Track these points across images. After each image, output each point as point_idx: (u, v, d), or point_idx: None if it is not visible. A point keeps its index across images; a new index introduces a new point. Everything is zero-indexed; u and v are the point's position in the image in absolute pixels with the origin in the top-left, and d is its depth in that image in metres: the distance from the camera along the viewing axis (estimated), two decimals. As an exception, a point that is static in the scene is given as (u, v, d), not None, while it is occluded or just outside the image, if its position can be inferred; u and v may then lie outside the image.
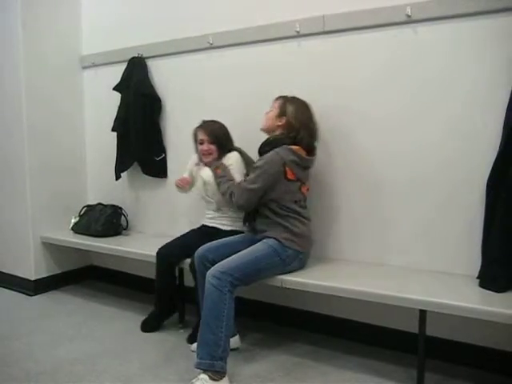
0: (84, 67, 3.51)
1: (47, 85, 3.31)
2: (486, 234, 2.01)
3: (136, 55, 3.14)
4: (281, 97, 2.34)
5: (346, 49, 2.40)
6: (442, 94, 2.17)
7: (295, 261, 2.23)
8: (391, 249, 2.36)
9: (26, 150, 3.22)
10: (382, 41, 2.30)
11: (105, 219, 3.21)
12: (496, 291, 1.92)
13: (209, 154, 2.51)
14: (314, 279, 2.16)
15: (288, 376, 2.14)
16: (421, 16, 2.17)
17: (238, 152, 2.53)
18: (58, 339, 2.55)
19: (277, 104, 2.32)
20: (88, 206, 3.41)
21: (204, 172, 2.54)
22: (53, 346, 2.46)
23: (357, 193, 2.42)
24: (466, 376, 2.11)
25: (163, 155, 3.13)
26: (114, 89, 3.19)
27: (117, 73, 3.20)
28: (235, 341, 2.34)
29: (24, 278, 3.33)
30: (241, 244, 2.27)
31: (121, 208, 3.32)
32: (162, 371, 2.19)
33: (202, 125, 2.55)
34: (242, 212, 2.39)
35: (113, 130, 3.21)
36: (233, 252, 2.17)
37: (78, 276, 3.53)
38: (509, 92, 1.94)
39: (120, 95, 3.20)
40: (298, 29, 2.49)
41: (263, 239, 2.22)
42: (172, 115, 3.09)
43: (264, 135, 2.34)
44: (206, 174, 2.51)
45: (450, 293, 1.93)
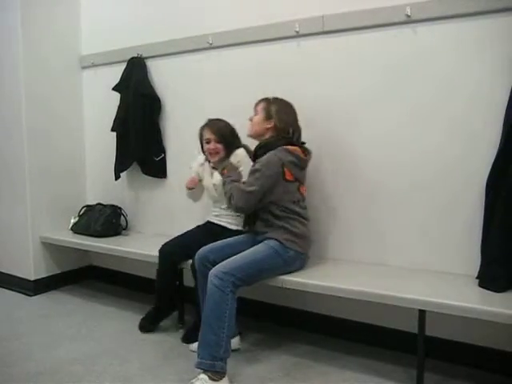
0: (83, 67, 3.51)
1: (46, 85, 3.31)
2: (486, 234, 2.01)
3: (135, 55, 3.14)
4: (262, 100, 2.32)
5: (346, 49, 2.40)
6: (442, 95, 2.17)
7: (296, 261, 2.23)
8: (391, 249, 2.36)
9: (26, 150, 3.22)
10: (382, 41, 2.30)
11: (104, 219, 3.21)
12: (495, 291, 1.92)
13: (216, 153, 2.49)
14: (314, 279, 2.16)
15: (288, 376, 2.14)
16: (420, 16, 2.17)
17: (245, 149, 2.50)
18: (58, 339, 2.55)
19: (260, 107, 2.30)
20: (87, 206, 3.41)
21: (214, 177, 2.52)
22: (52, 346, 2.46)
23: (356, 193, 2.42)
24: (466, 376, 2.11)
25: (163, 155, 3.13)
26: (114, 89, 3.19)
27: (116, 73, 3.19)
28: (236, 341, 2.34)
29: (23, 278, 3.33)
30: (242, 245, 2.26)
31: (120, 208, 3.32)
32: (162, 371, 2.19)
33: (208, 123, 2.52)
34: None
35: (112, 130, 3.21)
36: (234, 253, 2.16)
37: (78, 276, 3.53)
38: (508, 91, 1.94)
39: (119, 95, 3.20)
40: (298, 29, 2.49)
41: (264, 240, 2.22)
42: (171, 115, 3.09)
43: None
44: (216, 179, 2.49)
45: (450, 293, 1.93)
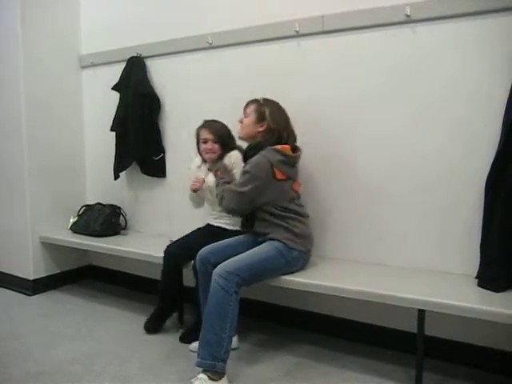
0: (83, 67, 3.51)
1: (46, 84, 3.31)
2: (485, 234, 2.01)
3: (135, 55, 3.14)
4: (252, 101, 2.31)
5: (346, 49, 2.40)
6: (442, 95, 2.17)
7: (299, 262, 2.23)
8: (390, 249, 2.36)
9: (25, 149, 3.21)
10: (382, 41, 2.30)
11: (103, 219, 3.20)
12: (495, 291, 1.92)
13: (212, 153, 2.52)
14: (315, 279, 2.16)
15: (288, 376, 2.14)
16: (420, 16, 2.17)
17: (239, 150, 2.52)
18: (57, 339, 2.55)
19: (251, 109, 2.29)
20: (87, 206, 3.41)
21: (209, 178, 2.53)
22: (52, 346, 2.46)
23: (357, 194, 2.42)
24: (465, 376, 2.12)
25: (162, 155, 3.13)
26: (113, 88, 3.18)
27: (116, 72, 3.19)
28: (234, 340, 2.33)
29: (23, 278, 3.32)
30: (243, 246, 2.26)
31: (119, 208, 3.32)
32: (162, 371, 2.19)
33: (205, 124, 2.55)
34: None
35: (111, 130, 3.21)
36: (234, 254, 2.16)
37: (77, 276, 3.52)
38: (508, 91, 1.94)
39: (119, 95, 3.20)
40: (298, 28, 2.49)
41: (267, 241, 2.21)
42: (171, 115, 3.09)
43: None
44: (210, 180, 2.51)
45: (449, 292, 1.94)
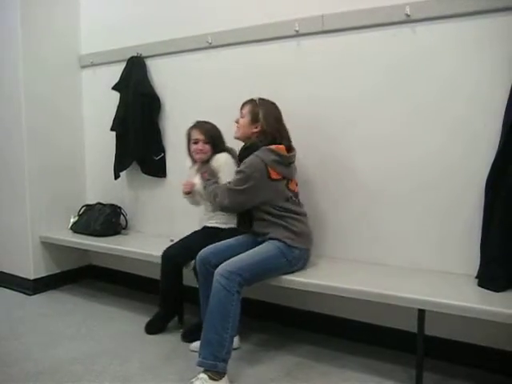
0: (82, 67, 3.51)
1: (46, 84, 3.31)
2: (485, 234, 2.01)
3: (135, 55, 3.14)
4: (248, 102, 2.31)
5: (345, 48, 2.40)
6: (442, 94, 2.17)
7: (300, 261, 2.23)
8: (390, 248, 2.36)
9: (25, 149, 3.22)
10: (381, 40, 2.30)
11: (104, 219, 3.21)
12: (495, 290, 1.92)
13: (202, 154, 2.54)
14: (315, 279, 2.16)
15: (289, 376, 2.14)
16: (420, 15, 2.17)
17: (229, 152, 2.54)
18: (57, 339, 2.55)
19: (246, 110, 2.29)
20: (87, 206, 3.41)
21: (196, 181, 2.56)
22: (52, 346, 2.46)
23: (357, 193, 2.42)
24: (465, 375, 2.12)
25: (162, 155, 3.13)
26: (113, 88, 3.19)
27: (116, 72, 3.19)
28: (236, 340, 2.33)
29: (23, 278, 3.33)
30: (243, 247, 2.25)
31: (120, 207, 3.32)
32: (162, 371, 2.19)
33: (197, 125, 2.58)
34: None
35: (112, 130, 3.21)
36: (235, 255, 2.15)
37: (77, 275, 3.53)
38: (508, 91, 1.94)
39: (119, 95, 3.20)
40: (297, 28, 2.49)
41: (267, 241, 2.21)
42: (171, 115, 3.09)
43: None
44: (198, 183, 2.52)
45: (449, 292, 1.94)
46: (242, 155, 2.26)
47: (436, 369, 2.15)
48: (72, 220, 3.36)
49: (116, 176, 3.25)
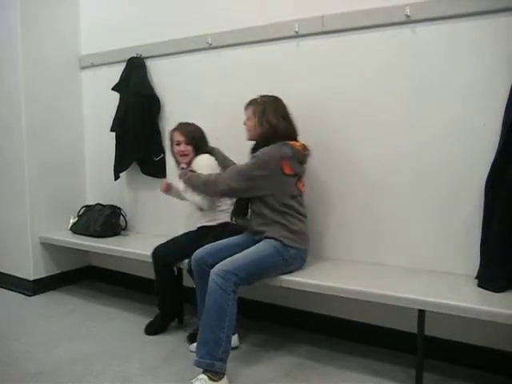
0: (82, 67, 3.51)
1: (46, 85, 3.31)
2: (485, 234, 2.01)
3: (135, 55, 3.14)
4: (250, 103, 2.31)
5: (345, 49, 2.40)
6: (441, 94, 2.17)
7: (296, 260, 2.23)
8: (390, 249, 2.36)
9: (25, 151, 3.22)
10: (381, 41, 2.30)
11: (103, 219, 3.20)
12: (495, 291, 1.92)
13: (185, 155, 2.55)
14: (313, 279, 2.16)
15: (288, 376, 2.14)
16: (420, 16, 2.18)
17: (211, 153, 2.54)
18: (57, 339, 2.55)
19: (250, 112, 2.29)
20: (87, 207, 3.41)
21: (179, 186, 2.58)
22: (52, 347, 2.46)
23: (355, 192, 2.42)
24: (465, 376, 2.11)
25: (162, 155, 3.13)
26: (113, 89, 3.19)
27: (116, 73, 3.19)
28: (234, 340, 2.34)
29: (22, 279, 3.33)
30: (239, 247, 2.25)
31: (119, 208, 3.32)
32: (161, 371, 2.19)
33: (178, 126, 2.61)
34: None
35: (112, 130, 3.21)
36: (231, 255, 2.15)
37: (77, 276, 3.53)
38: (507, 91, 1.95)
39: (119, 95, 3.20)
40: (297, 29, 2.49)
41: (264, 239, 2.21)
42: (171, 115, 3.09)
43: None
44: (181, 186, 2.51)
45: (449, 293, 1.94)
46: (258, 147, 2.25)
47: (436, 369, 2.15)
48: (72, 221, 3.36)
49: (116, 177, 3.25)
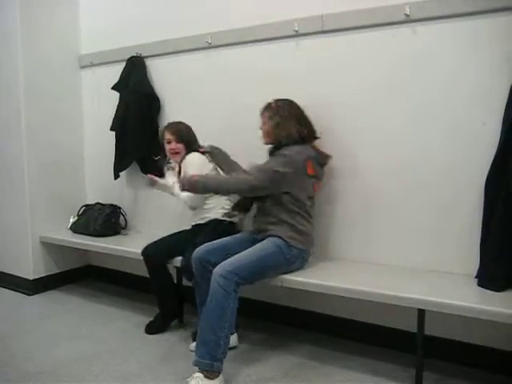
0: (82, 67, 3.51)
1: (45, 84, 3.31)
2: (485, 233, 2.01)
3: (134, 55, 3.14)
4: (266, 108, 2.31)
5: (345, 48, 2.40)
6: (441, 94, 2.17)
7: (298, 260, 2.23)
8: (390, 248, 2.35)
9: (25, 150, 3.22)
10: (381, 40, 2.30)
11: (103, 219, 3.20)
12: (495, 290, 1.92)
13: (176, 153, 2.63)
14: (314, 278, 2.16)
15: (287, 376, 2.14)
16: (419, 15, 2.17)
17: (211, 153, 2.53)
18: (57, 339, 2.55)
19: (266, 117, 2.29)
20: (87, 206, 3.41)
21: (170, 179, 2.67)
22: (51, 346, 2.46)
23: (356, 192, 2.42)
24: (465, 375, 2.11)
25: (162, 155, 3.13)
26: (113, 88, 3.18)
27: (115, 72, 3.19)
28: (233, 339, 2.34)
29: (22, 278, 3.33)
30: (240, 246, 2.25)
31: (119, 207, 3.32)
32: (161, 371, 2.19)
33: (168, 125, 2.70)
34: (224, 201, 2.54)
35: (111, 130, 3.21)
36: (233, 253, 2.15)
37: (77, 275, 3.53)
38: (508, 90, 1.94)
39: (118, 95, 3.20)
40: (297, 28, 2.49)
41: (267, 238, 2.21)
42: (171, 115, 3.08)
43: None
44: (182, 195, 2.52)
45: (449, 292, 1.94)
46: (280, 146, 2.24)
47: (436, 369, 2.14)
48: (71, 220, 3.36)
49: (116, 176, 3.25)
